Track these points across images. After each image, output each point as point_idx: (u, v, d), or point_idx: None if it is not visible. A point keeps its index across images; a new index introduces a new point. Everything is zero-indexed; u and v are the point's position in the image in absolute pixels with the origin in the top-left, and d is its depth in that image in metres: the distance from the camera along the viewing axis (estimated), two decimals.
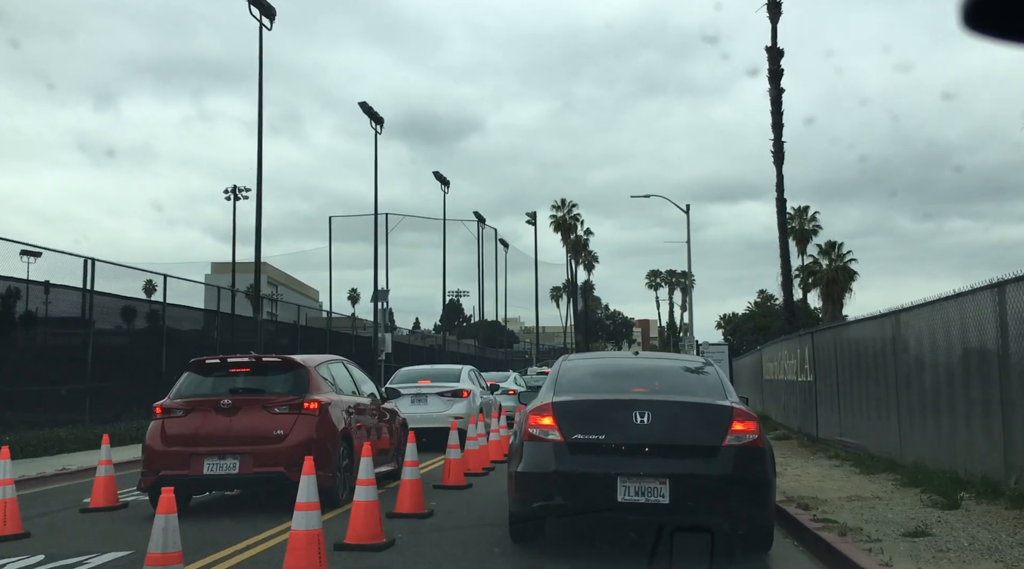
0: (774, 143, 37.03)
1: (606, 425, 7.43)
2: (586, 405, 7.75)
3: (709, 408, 7.72)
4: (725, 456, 7.27)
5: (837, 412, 16.64)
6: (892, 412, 13.18)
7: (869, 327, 14.29)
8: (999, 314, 9.57)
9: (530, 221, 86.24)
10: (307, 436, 9.94)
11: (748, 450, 7.34)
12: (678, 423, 7.48)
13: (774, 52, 37.40)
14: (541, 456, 7.43)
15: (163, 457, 10.00)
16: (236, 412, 10.07)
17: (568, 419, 7.52)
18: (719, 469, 7.23)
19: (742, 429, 7.41)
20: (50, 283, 20.94)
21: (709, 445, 7.33)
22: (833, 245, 66.94)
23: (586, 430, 7.42)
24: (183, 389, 10.60)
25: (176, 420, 10.18)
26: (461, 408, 18.64)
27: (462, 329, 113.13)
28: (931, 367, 11.84)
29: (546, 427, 7.53)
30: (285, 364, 10.78)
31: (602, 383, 8.47)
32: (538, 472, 7.43)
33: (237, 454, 9.86)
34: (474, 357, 64.56)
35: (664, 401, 7.74)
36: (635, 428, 7.36)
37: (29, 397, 19.92)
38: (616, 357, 10.27)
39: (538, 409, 7.74)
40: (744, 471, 7.26)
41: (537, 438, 7.53)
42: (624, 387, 8.22)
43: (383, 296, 43.69)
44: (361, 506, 8.00)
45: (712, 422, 7.51)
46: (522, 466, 7.55)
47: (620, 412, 7.49)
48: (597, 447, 7.36)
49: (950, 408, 11.24)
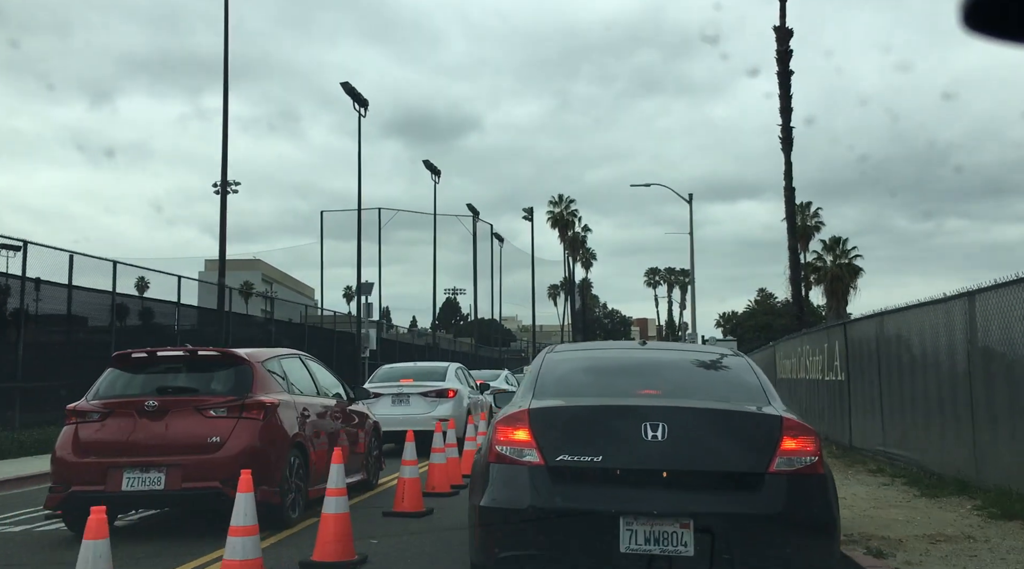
0: (782, 129, 35.05)
1: (604, 442, 5.31)
2: (576, 413, 5.60)
3: (749, 418, 5.56)
4: (774, 487, 5.16)
5: (878, 417, 14.00)
6: (963, 420, 10.52)
7: (929, 314, 11.62)
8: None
9: (527, 217, 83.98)
10: (248, 444, 8.41)
11: (805, 478, 5.21)
12: (706, 439, 5.34)
13: (783, 32, 35.34)
14: (512, 486, 5.29)
15: (75, 470, 8.39)
16: (164, 416, 8.51)
17: (551, 433, 5.39)
18: (765, 506, 5.12)
19: (796, 448, 5.27)
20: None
21: (751, 471, 5.23)
22: (837, 241, 64.96)
23: (576, 449, 5.29)
24: (103, 389, 8.99)
25: (92, 425, 8.60)
26: (447, 409, 16.93)
27: (458, 327, 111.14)
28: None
29: (520, 444, 5.37)
30: (225, 358, 9.18)
31: (599, 383, 6.26)
32: (508, 508, 5.24)
33: (163, 466, 8.27)
34: (469, 355, 62.38)
35: (685, 408, 5.54)
36: (645, 446, 5.24)
37: None
38: (617, 348, 8.00)
39: (509, 419, 5.53)
40: (800, 509, 5.14)
41: (508, 459, 5.36)
42: (629, 388, 6.05)
43: (367, 289, 41.04)
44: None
45: (754, 438, 5.38)
46: (486, 499, 5.34)
47: (624, 423, 5.35)
48: (591, 474, 5.26)
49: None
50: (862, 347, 14.98)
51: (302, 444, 9.25)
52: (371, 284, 41.77)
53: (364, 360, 38.16)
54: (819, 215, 70.37)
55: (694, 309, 46.97)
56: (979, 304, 10.07)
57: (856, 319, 15.36)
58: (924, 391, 11.93)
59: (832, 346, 16.95)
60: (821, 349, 18.07)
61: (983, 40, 2.02)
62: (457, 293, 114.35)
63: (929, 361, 11.74)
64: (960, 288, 10.49)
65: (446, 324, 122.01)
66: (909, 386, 12.55)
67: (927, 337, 11.72)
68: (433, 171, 56.14)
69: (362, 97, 40.44)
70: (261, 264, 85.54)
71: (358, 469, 11.03)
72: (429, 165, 55.97)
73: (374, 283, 42.82)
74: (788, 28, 35.31)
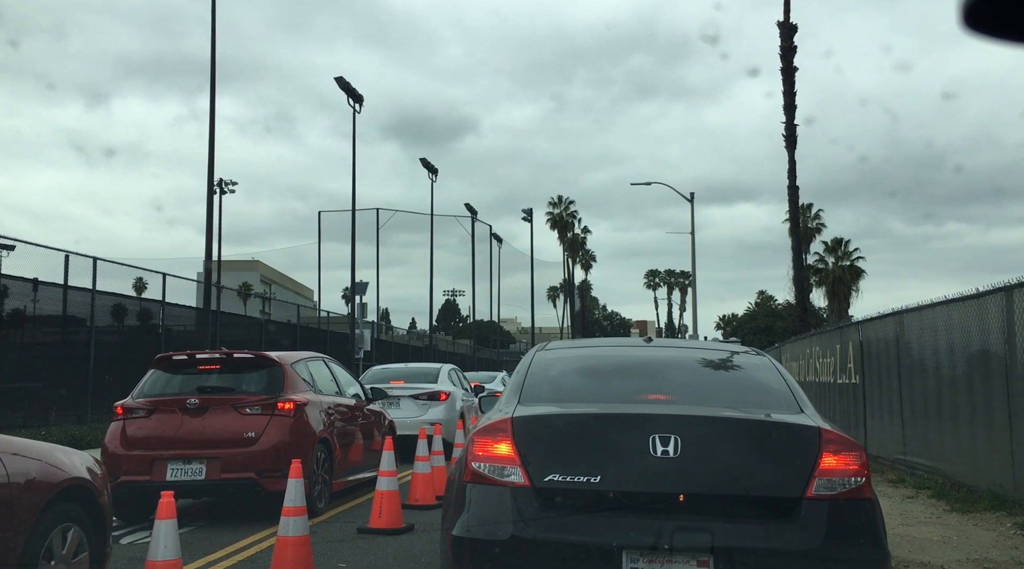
0: (786, 126, 34.32)
1: (604, 458, 4.35)
2: (570, 422, 4.61)
3: (781, 430, 4.56)
4: (812, 515, 4.18)
5: (898, 423, 13.04)
6: (999, 427, 9.55)
7: (958, 311, 10.65)
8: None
9: (526, 218, 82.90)
10: (281, 439, 9.19)
11: (850, 504, 4.25)
12: (727, 456, 4.36)
13: (787, 27, 34.59)
14: (492, 511, 4.34)
15: (123, 461, 9.15)
16: (203, 413, 9.30)
17: (539, 447, 4.44)
18: (801, 540, 4.13)
19: (839, 467, 4.29)
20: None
21: (784, 496, 4.25)
22: (840, 242, 63.90)
23: (569, 467, 4.34)
24: (147, 387, 9.82)
25: (138, 421, 9.40)
26: (439, 412, 16.11)
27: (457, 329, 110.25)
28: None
29: (501, 460, 4.44)
30: (258, 361, 10.01)
31: (597, 386, 5.23)
32: (486, 539, 4.29)
33: (204, 458, 9.08)
34: (468, 357, 61.40)
35: (702, 417, 4.52)
36: (654, 464, 4.28)
37: None
38: (618, 346, 6.85)
39: (488, 429, 4.57)
40: (845, 543, 4.17)
41: (487, 479, 4.42)
42: (633, 393, 5.04)
43: (361, 289, 40.00)
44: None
45: (787, 454, 4.39)
46: (459, 527, 4.37)
47: (628, 435, 4.38)
48: (588, 498, 4.30)
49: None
50: (879, 348, 14.02)
51: (327, 440, 9.96)
52: (365, 284, 40.66)
53: (359, 362, 37.30)
54: (820, 217, 69.46)
55: (695, 309, 45.96)
56: (1018, 300, 9.12)
57: (872, 318, 14.37)
58: (952, 395, 10.96)
59: (845, 347, 15.98)
60: (833, 350, 17.10)
61: (983, 40, 1.99)
62: (457, 295, 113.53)
63: (958, 362, 10.76)
64: (996, 283, 9.51)
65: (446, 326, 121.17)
66: (934, 389, 11.59)
67: (956, 336, 10.74)
68: (430, 169, 55.27)
69: (357, 92, 39.54)
70: (260, 265, 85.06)
71: (376, 465, 10.80)
72: (426, 163, 55.09)
73: (368, 283, 41.69)
74: (792, 23, 34.59)
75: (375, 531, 8.52)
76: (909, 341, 12.45)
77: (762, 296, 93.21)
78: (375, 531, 8.52)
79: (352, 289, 40.45)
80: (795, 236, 38.61)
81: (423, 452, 10.56)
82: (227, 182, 58.12)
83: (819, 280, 63.26)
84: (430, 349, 57.13)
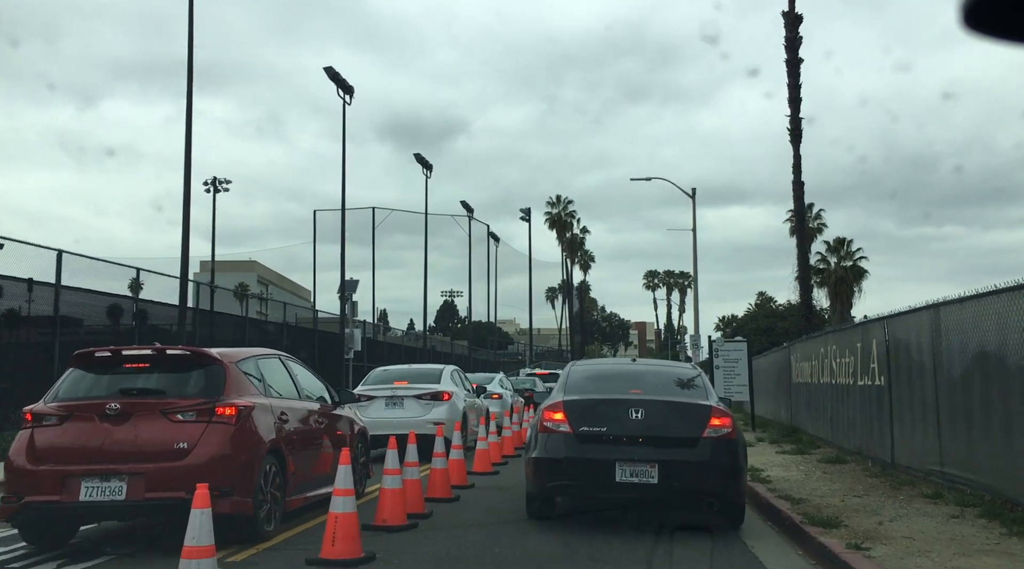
0: (791, 120, 33.04)
1: (607, 419, 9.06)
2: (591, 403, 9.34)
3: (692, 406, 9.33)
4: (704, 445, 8.89)
5: (932, 431, 11.60)
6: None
7: (1013, 302, 9.20)
8: None
9: (524, 217, 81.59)
10: (219, 451, 7.90)
11: (723, 441, 8.95)
12: (666, 418, 9.11)
13: (792, 17, 33.30)
14: (554, 445, 9.01)
15: (29, 478, 7.83)
16: (127, 420, 7.95)
17: (576, 414, 9.09)
18: (699, 456, 8.85)
19: (718, 424, 9.01)
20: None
21: (691, 436, 8.93)
22: (842, 242, 62.62)
23: (591, 423, 9.03)
24: (63, 390, 8.43)
25: (49, 430, 8.04)
26: (442, 412, 16.66)
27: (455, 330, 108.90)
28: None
29: (558, 421, 9.08)
30: (196, 358, 8.60)
31: (604, 385, 10.03)
32: (551, 458, 9.00)
33: (124, 475, 7.76)
34: (464, 359, 59.94)
35: (655, 400, 9.35)
36: (631, 422, 8.99)
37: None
38: (617, 363, 13.02)
39: (551, 406, 9.31)
40: (720, 458, 8.87)
41: (550, 430, 9.09)
42: (623, 388, 9.69)
43: (351, 287, 38.55)
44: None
45: (694, 418, 9.08)
46: (537, 453, 9.12)
47: (619, 409, 9.14)
48: (599, 437, 8.97)
49: None
50: (909, 346, 12.58)
51: (279, 451, 8.74)
52: (356, 281, 39.24)
53: (348, 362, 35.89)
54: (821, 216, 68.08)
55: (696, 308, 44.58)
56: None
57: (901, 312, 12.90)
58: (1004, 399, 9.51)
59: (868, 346, 14.53)
60: (852, 349, 15.65)
61: (983, 40, 2.01)
62: (455, 296, 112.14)
63: (1011, 361, 9.32)
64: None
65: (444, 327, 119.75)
66: (981, 393, 10.14)
67: (1010, 331, 9.30)
68: (424, 165, 53.95)
69: (347, 83, 38.26)
70: (257, 266, 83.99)
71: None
72: (420, 158, 53.73)
73: (359, 280, 40.21)
74: (798, 13, 33.31)
75: (327, 563, 7.10)
76: (949, 338, 11.00)
77: (762, 297, 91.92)
78: (327, 563, 7.10)
79: (342, 287, 39.04)
80: (800, 233, 37.38)
81: (392, 465, 9.12)
82: (221, 181, 56.89)
83: (821, 280, 61.94)
84: (424, 350, 55.71)
